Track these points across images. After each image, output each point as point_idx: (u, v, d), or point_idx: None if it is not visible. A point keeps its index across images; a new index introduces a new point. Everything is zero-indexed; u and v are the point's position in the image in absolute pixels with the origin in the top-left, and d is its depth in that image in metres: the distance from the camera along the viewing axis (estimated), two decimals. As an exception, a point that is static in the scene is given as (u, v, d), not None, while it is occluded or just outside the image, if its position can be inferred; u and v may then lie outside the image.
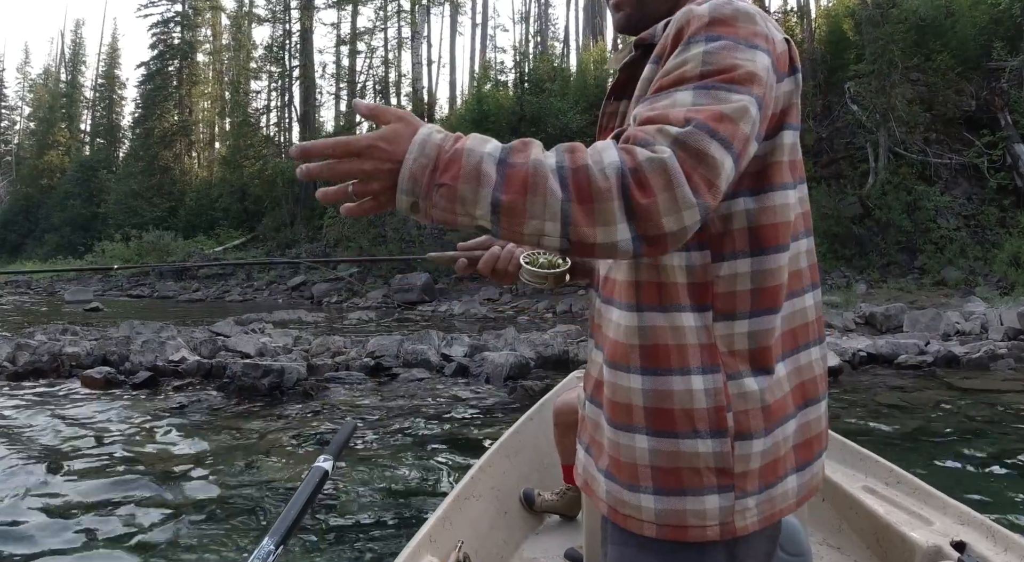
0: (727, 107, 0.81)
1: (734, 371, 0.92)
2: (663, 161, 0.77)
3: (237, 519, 3.86)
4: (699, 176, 0.78)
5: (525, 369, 7.66)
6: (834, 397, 6.68)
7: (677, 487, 0.92)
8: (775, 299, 0.95)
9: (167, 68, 42.08)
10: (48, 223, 41.40)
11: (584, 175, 0.77)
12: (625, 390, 0.96)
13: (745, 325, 0.93)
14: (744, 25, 0.88)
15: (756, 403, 0.92)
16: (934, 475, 4.35)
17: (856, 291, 14.52)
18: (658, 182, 0.76)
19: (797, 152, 0.97)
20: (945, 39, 18.33)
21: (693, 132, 0.79)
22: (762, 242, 0.93)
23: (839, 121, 19.20)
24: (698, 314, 0.93)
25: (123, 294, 25.08)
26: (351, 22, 36.00)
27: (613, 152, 0.78)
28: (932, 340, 9.09)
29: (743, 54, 0.85)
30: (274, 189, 31.68)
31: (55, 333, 10.23)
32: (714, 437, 0.91)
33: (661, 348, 0.93)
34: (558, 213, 0.77)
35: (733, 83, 0.83)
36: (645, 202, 0.76)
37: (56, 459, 4.86)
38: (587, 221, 0.77)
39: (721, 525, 0.91)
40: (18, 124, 59.13)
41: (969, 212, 16.65)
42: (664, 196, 0.76)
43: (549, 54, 33.60)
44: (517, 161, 0.79)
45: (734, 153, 0.81)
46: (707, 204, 0.78)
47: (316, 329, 12.31)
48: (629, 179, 0.76)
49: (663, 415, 0.93)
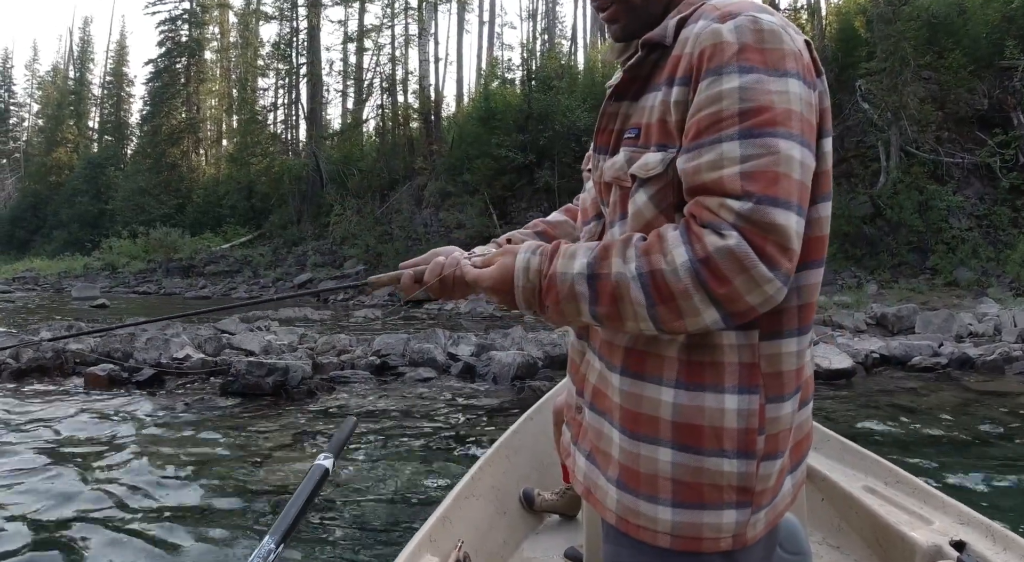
0: (779, 163, 0.82)
1: (776, 394, 0.92)
2: (730, 249, 0.80)
3: (239, 518, 3.83)
4: (771, 246, 0.80)
5: (533, 369, 7.55)
6: (848, 399, 6.58)
7: (697, 501, 0.92)
8: (812, 314, 0.95)
9: (175, 65, 42.13)
10: (56, 220, 41.53)
11: (661, 279, 0.83)
12: (652, 402, 0.94)
13: (794, 344, 0.93)
14: (772, 47, 0.86)
15: (788, 425, 0.93)
16: (950, 479, 4.28)
17: (867, 291, 14.39)
18: (731, 268, 0.80)
19: (829, 161, 0.96)
20: (957, 37, 18.14)
21: (756, 208, 0.81)
22: (807, 256, 0.91)
23: (850, 119, 19.03)
24: (741, 332, 0.91)
25: (130, 291, 25.12)
26: (358, 19, 35.97)
27: (682, 249, 0.82)
28: (946, 342, 8.95)
29: (777, 86, 0.84)
30: (281, 186, 31.70)
31: (59, 329, 10.19)
32: (740, 458, 0.91)
33: (695, 364, 0.92)
34: (647, 317, 0.85)
35: (777, 126, 0.83)
36: (723, 291, 0.80)
37: (56, 457, 4.83)
38: (673, 317, 0.84)
39: (734, 537, 0.93)
40: (27, 121, 59.38)
41: (981, 212, 16.48)
42: (741, 279, 0.80)
43: (556, 52, 33.47)
44: (602, 273, 0.88)
45: (797, 207, 0.82)
46: (786, 271, 0.81)
47: (322, 327, 12.26)
48: (704, 274, 0.81)
49: (691, 431, 0.92)
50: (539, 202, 22.34)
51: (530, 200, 23.18)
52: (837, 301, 12.88)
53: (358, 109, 36.50)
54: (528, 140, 23.50)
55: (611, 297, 0.86)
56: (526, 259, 0.94)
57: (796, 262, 0.83)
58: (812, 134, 0.87)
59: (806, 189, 0.85)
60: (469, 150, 25.58)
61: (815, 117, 0.89)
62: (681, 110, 0.90)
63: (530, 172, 23.28)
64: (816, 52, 0.94)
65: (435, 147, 28.48)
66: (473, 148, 25.31)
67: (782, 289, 0.81)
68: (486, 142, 24.33)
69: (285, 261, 26.85)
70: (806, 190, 0.85)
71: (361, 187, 28.87)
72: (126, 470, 4.60)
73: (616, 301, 0.86)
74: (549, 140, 22.72)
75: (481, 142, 24.81)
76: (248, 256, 27.82)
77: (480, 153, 24.55)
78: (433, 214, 25.75)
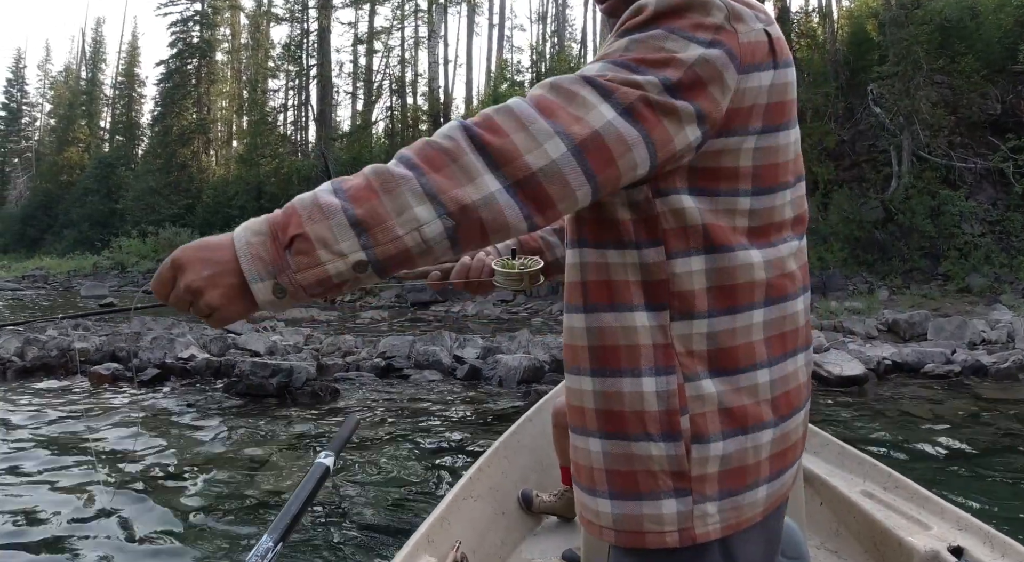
0: (619, 74, 0.76)
1: (692, 373, 0.88)
2: (508, 106, 0.74)
3: (239, 517, 3.83)
4: (565, 113, 0.73)
5: (539, 373, 7.48)
6: (860, 406, 6.48)
7: (633, 491, 0.89)
8: (734, 299, 0.89)
9: (186, 66, 42.36)
10: (67, 219, 41.76)
11: (427, 146, 0.72)
12: (578, 393, 0.94)
13: (704, 325, 0.88)
14: (692, 15, 0.81)
15: (714, 405, 0.88)
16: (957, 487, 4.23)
17: (878, 297, 14.26)
18: (509, 124, 0.72)
19: (774, 156, 0.89)
20: (970, 41, 17.98)
21: (567, 77, 0.75)
22: (717, 239, 0.87)
23: (862, 124, 18.90)
24: (653, 313, 0.88)
25: (138, 290, 25.20)
26: (368, 21, 36.07)
27: (451, 121, 0.75)
28: (958, 349, 8.83)
29: (672, 44, 0.79)
30: (290, 187, 31.73)
31: (66, 328, 10.19)
32: (667, 440, 0.88)
33: (610, 349, 0.90)
34: (420, 191, 0.70)
35: (642, 64, 0.77)
36: (499, 142, 0.71)
37: (58, 456, 4.83)
38: (452, 183, 0.70)
39: (680, 531, 0.88)
40: (39, 121, 59.77)
41: (994, 218, 16.33)
42: (520, 136, 0.71)
43: (566, 54, 33.41)
44: (351, 180, 0.72)
45: (618, 107, 0.74)
46: (574, 133, 0.72)
47: (328, 328, 12.23)
48: (475, 129, 0.72)
49: (613, 417, 0.90)
50: (547, 205, 22.28)
51: (538, 203, 23.13)
52: (848, 307, 12.75)
53: (367, 111, 36.56)
54: (537, 142, 23.42)
55: (368, 189, 0.69)
56: (244, 224, 0.73)
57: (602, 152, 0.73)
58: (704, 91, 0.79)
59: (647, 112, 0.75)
60: (478, 152, 25.54)
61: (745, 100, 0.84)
62: None
63: (538, 174, 23.20)
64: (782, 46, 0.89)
65: (444, 149, 28.43)
66: (482, 150, 25.26)
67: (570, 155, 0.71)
68: (495, 144, 24.28)
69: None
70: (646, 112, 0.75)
71: (369, 188, 28.91)
72: (127, 469, 4.60)
73: (376, 192, 0.69)
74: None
75: (490, 144, 24.77)
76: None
77: (489, 155, 24.50)
78: (441, 216, 25.73)
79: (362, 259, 0.69)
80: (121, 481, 4.35)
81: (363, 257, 0.69)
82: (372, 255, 0.69)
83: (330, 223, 0.68)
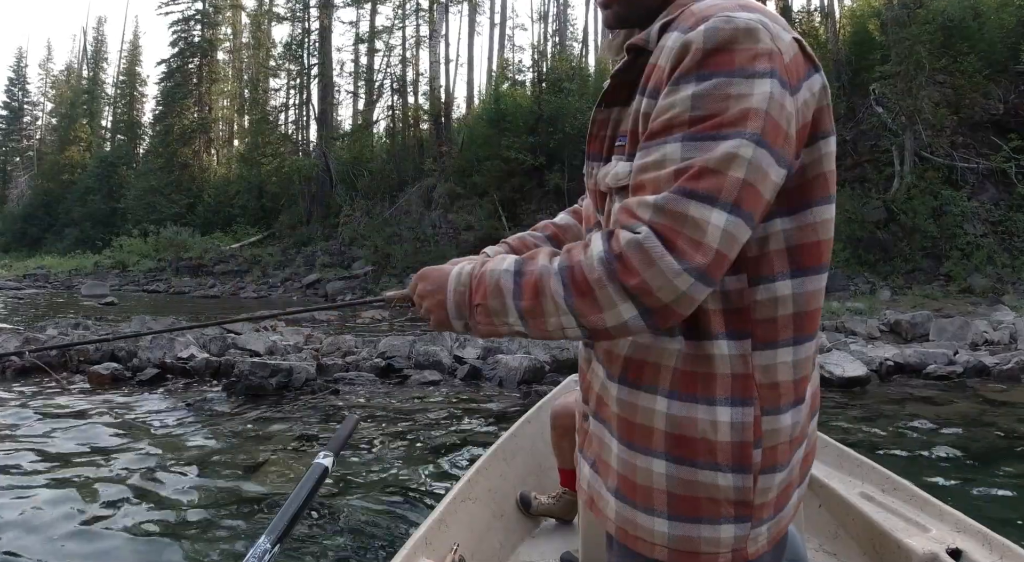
0: (710, 159, 0.79)
1: (772, 406, 0.90)
2: (638, 241, 0.80)
3: (237, 518, 3.80)
4: (684, 241, 0.78)
5: (540, 373, 7.45)
6: (863, 408, 6.44)
7: (693, 515, 0.91)
8: (814, 323, 0.93)
9: (187, 66, 42.34)
10: (68, 218, 41.77)
11: (579, 270, 0.84)
12: (646, 411, 0.94)
13: (789, 354, 0.90)
14: (743, 48, 0.82)
15: (787, 437, 0.91)
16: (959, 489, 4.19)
17: (880, 297, 14.21)
18: (639, 260, 0.79)
19: (832, 161, 0.93)
20: (972, 41, 17.92)
21: (670, 198, 0.80)
22: (802, 262, 0.90)
23: (864, 123, 18.85)
24: (734, 342, 0.90)
25: (139, 289, 25.21)
26: (369, 20, 35.99)
27: (599, 243, 0.83)
28: (961, 350, 8.79)
29: (737, 88, 0.81)
30: (291, 187, 31.76)
31: (66, 327, 10.17)
32: (736, 472, 0.90)
33: (687, 374, 0.91)
34: (566, 308, 0.85)
35: (721, 128, 0.80)
36: (634, 282, 0.79)
37: (56, 456, 4.80)
38: (591, 310, 0.83)
39: (733, 552, 0.91)
40: (40, 120, 59.79)
41: (996, 218, 16.29)
42: (649, 273, 0.79)
43: (568, 54, 33.36)
44: (528, 270, 0.89)
45: (726, 205, 0.79)
46: (699, 266, 0.78)
47: (329, 327, 12.19)
48: (615, 265, 0.81)
49: (684, 443, 0.91)
50: (548, 204, 22.25)
51: (540, 202, 23.10)
52: (850, 307, 12.71)
53: (368, 110, 36.49)
54: (538, 142, 23.42)
55: (534, 290, 0.87)
56: (460, 268, 0.98)
57: (722, 263, 0.80)
58: (779, 135, 0.82)
59: (752, 190, 0.80)
60: (479, 152, 25.54)
61: (797, 119, 0.85)
62: (647, 122, 0.89)
63: (540, 174, 23.21)
64: (810, 49, 0.90)
65: (445, 149, 28.44)
66: (483, 150, 25.27)
67: (697, 285, 0.79)
68: (496, 144, 24.27)
69: (294, 261, 26.86)
70: (752, 191, 0.80)
71: (370, 188, 28.88)
72: (124, 469, 4.56)
73: (538, 294, 0.86)
74: (559, 142, 22.64)
75: (491, 144, 24.76)
76: (257, 256, 27.87)
77: (490, 155, 24.49)
78: (442, 216, 25.70)
79: (521, 331, 0.91)
80: (119, 481, 4.31)
81: (523, 331, 0.91)
82: (528, 332, 0.91)
83: (504, 303, 0.90)
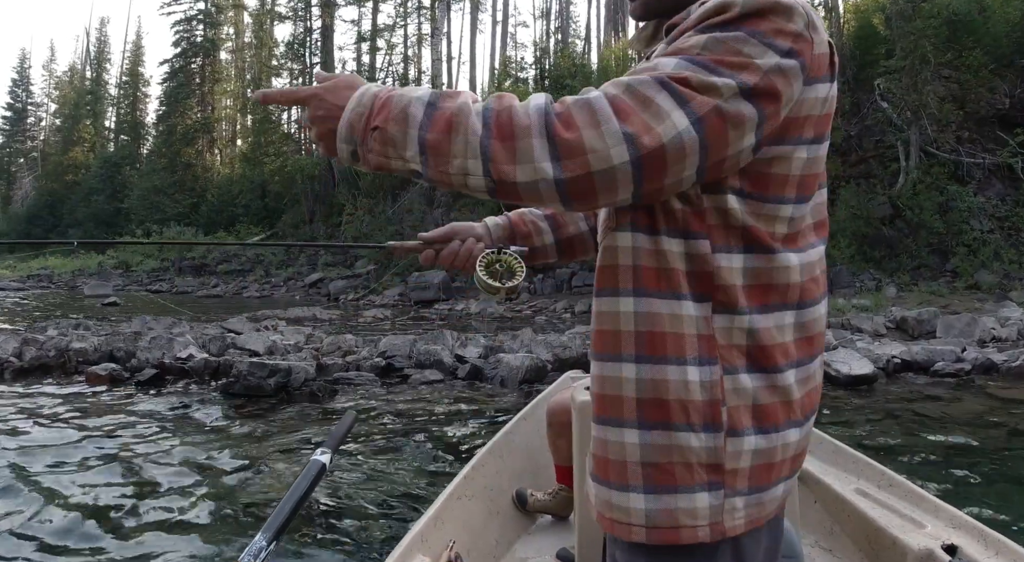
0: (698, 77, 0.78)
1: (731, 365, 0.89)
2: (587, 100, 0.77)
3: (233, 516, 3.79)
4: (637, 118, 0.76)
5: (542, 372, 7.37)
6: (870, 406, 6.36)
7: (670, 484, 0.89)
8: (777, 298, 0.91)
9: (190, 65, 42.42)
10: (72, 218, 41.88)
11: (507, 114, 0.79)
12: (614, 381, 0.92)
13: (745, 320, 0.90)
14: (775, 19, 0.82)
15: (748, 400, 0.90)
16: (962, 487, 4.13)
17: (886, 294, 14.09)
18: (583, 118, 0.76)
19: (816, 166, 0.92)
20: (978, 35, 17.75)
21: (643, 81, 0.78)
22: (757, 241, 0.89)
23: (868, 119, 18.70)
24: (698, 304, 0.89)
25: (142, 289, 25.24)
26: (371, 19, 35.98)
27: (543, 97, 0.79)
28: (968, 347, 8.67)
29: (753, 49, 0.80)
30: (294, 186, 31.72)
31: (66, 328, 10.13)
32: (707, 431, 0.88)
33: (658, 335, 0.89)
34: (478, 150, 0.78)
35: (721, 65, 0.79)
36: (568, 136, 0.76)
37: (53, 456, 4.77)
38: (507, 158, 0.78)
39: (711, 525, 0.89)
40: (44, 121, 59.95)
41: (1003, 214, 16.14)
42: (589, 132, 0.76)
43: (570, 51, 33.27)
44: (445, 105, 0.81)
45: (691, 113, 0.77)
46: (643, 144, 0.76)
47: (330, 327, 12.14)
48: (553, 117, 0.77)
49: (657, 406, 0.89)
50: (551, 202, 22.17)
51: (542, 200, 23.03)
52: (856, 304, 12.60)
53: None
54: (540, 140, 23.31)
55: (447, 124, 0.80)
56: (367, 86, 0.87)
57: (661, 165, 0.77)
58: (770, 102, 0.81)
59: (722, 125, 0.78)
60: (482, 150, 25.45)
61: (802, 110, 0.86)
62: None
63: (543, 172, 23.10)
64: (837, 58, 0.91)
65: (447, 147, 28.36)
66: (486, 148, 25.18)
67: (627, 168, 0.76)
68: (499, 142, 24.18)
69: (296, 260, 26.84)
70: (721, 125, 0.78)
71: (373, 187, 28.82)
72: (122, 469, 4.54)
73: (450, 130, 0.80)
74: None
75: (494, 142, 24.68)
76: (260, 255, 27.87)
77: (493, 153, 24.40)
78: (444, 214, 25.63)
79: (417, 170, 0.83)
80: (117, 481, 4.30)
81: (418, 169, 0.83)
82: (425, 172, 0.82)
83: (407, 133, 0.81)
